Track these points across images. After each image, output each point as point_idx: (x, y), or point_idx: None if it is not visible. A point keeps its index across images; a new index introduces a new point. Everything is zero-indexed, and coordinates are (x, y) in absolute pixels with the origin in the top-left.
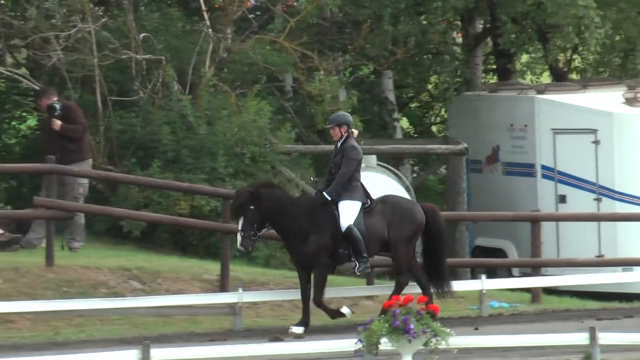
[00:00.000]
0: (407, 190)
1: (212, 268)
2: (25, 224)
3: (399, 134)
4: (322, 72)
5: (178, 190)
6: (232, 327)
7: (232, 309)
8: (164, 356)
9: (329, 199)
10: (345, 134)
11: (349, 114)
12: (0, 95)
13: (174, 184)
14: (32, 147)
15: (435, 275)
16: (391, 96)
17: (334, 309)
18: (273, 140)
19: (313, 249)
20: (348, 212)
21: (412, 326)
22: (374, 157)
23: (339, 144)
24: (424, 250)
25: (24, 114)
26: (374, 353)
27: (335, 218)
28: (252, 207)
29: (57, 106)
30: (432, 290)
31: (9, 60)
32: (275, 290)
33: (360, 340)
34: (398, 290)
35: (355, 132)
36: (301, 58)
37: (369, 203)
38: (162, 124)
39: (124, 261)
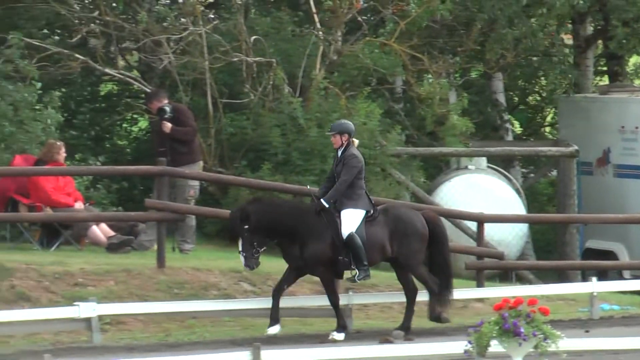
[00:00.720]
0: (518, 192)
1: None
2: (137, 226)
3: (510, 136)
4: (431, 74)
5: (288, 192)
6: None
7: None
8: (274, 358)
9: (327, 206)
10: (346, 142)
11: (350, 122)
12: (111, 97)
13: (283, 186)
14: (143, 149)
15: (441, 283)
16: (501, 98)
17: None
18: (383, 143)
19: (315, 254)
20: (351, 220)
21: (522, 329)
22: (484, 159)
23: (339, 153)
24: (428, 259)
25: (135, 116)
26: (483, 355)
27: (336, 225)
28: (246, 227)
29: (168, 109)
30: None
31: (121, 62)
32: (384, 292)
33: (469, 342)
34: (435, 298)
35: (356, 141)
36: (411, 60)
37: (372, 212)
38: (272, 126)
39: (235, 263)
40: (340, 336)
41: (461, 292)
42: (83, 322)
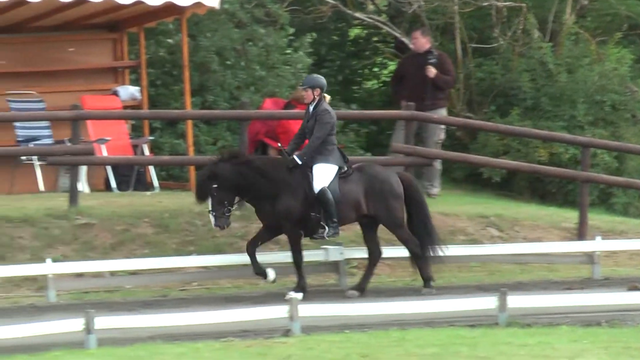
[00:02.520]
0: None
1: (570, 216)
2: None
3: None
4: None
5: (537, 138)
6: (589, 275)
7: (590, 258)
8: (520, 304)
9: (299, 162)
10: (318, 97)
11: (322, 77)
12: (360, 41)
13: (532, 132)
14: (390, 93)
15: (427, 241)
16: None
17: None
18: (634, 89)
19: (285, 209)
20: (323, 175)
21: None
22: None
23: (312, 108)
24: (409, 220)
25: (384, 60)
26: None
27: (308, 180)
28: (215, 186)
29: (435, 53)
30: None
31: (370, 6)
32: (633, 239)
33: None
34: (417, 258)
35: (328, 97)
36: None
37: (345, 169)
38: (521, 71)
39: (482, 208)
40: (298, 296)
41: None
42: (331, 266)
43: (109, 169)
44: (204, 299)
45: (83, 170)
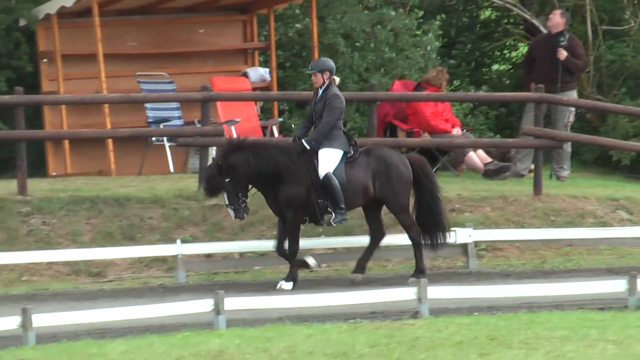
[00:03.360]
0: None
1: None
2: (509, 152)
3: None
4: None
5: None
6: None
7: None
8: None
9: (308, 147)
10: (328, 81)
11: (331, 60)
12: (490, 24)
13: None
14: (521, 75)
15: (431, 226)
16: None
17: (300, 259)
18: None
19: (287, 196)
20: (327, 160)
21: None
22: None
23: (321, 91)
24: (417, 203)
25: (515, 42)
26: None
27: (314, 166)
28: (227, 180)
29: (566, 36)
30: (422, 242)
31: None
32: None
33: None
34: (418, 247)
35: (337, 79)
36: None
37: (352, 153)
38: None
39: (612, 191)
40: (288, 285)
41: None
42: (459, 248)
43: None
44: (333, 281)
45: (212, 151)
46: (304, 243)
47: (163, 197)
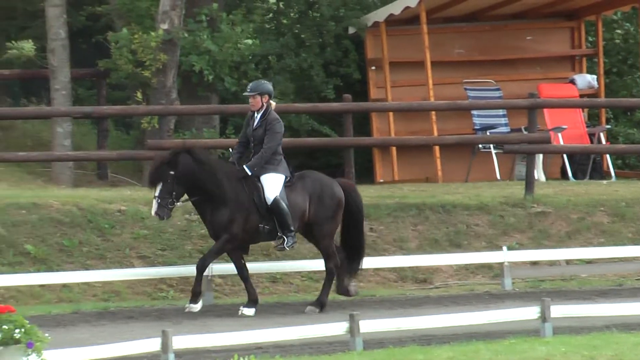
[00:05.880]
0: None
1: None
2: None
3: None
4: None
5: None
6: None
7: None
8: None
9: (250, 173)
10: (266, 105)
11: (269, 83)
12: None
13: None
14: None
15: (354, 253)
16: None
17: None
18: None
19: (226, 220)
20: (273, 185)
21: None
22: None
23: (259, 115)
24: (343, 228)
25: None
26: None
27: (258, 191)
28: (172, 173)
29: None
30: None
31: None
32: None
33: None
34: (330, 277)
35: (273, 103)
36: None
37: (290, 177)
38: None
39: None
40: (250, 311)
41: None
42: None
43: (565, 157)
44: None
45: (539, 158)
46: (630, 251)
47: (489, 204)
